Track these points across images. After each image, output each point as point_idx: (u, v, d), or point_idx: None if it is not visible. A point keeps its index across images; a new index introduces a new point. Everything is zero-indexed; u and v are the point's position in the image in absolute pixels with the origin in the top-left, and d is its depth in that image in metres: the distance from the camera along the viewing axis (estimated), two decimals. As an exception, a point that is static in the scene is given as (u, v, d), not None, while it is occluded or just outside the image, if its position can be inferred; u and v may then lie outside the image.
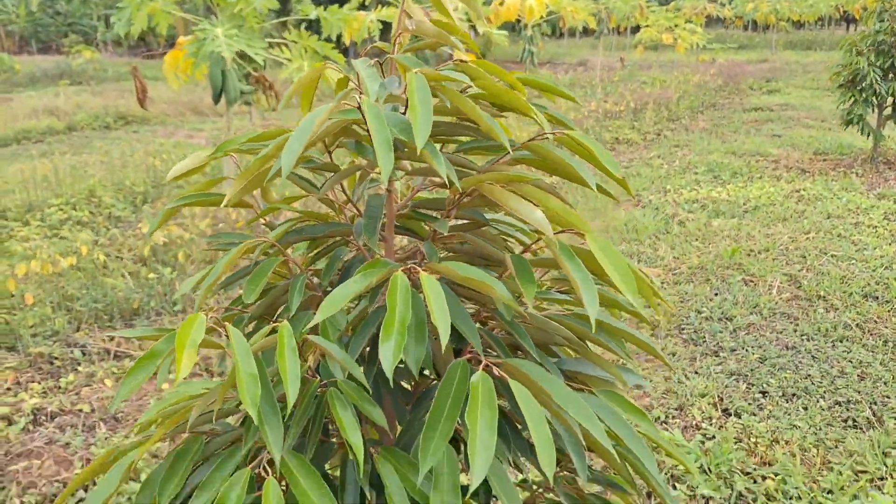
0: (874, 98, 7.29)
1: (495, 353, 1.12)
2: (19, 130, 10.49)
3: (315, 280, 1.27)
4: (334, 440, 1.14)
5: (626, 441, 1.10)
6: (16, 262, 4.63)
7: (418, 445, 1.07)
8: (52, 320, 4.24)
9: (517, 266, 0.99)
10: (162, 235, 4.85)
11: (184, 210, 5.87)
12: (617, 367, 1.20)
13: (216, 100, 5.96)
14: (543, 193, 0.97)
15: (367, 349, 1.20)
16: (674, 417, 3.25)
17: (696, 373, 3.62)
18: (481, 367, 0.98)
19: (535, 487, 1.42)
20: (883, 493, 2.70)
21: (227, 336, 0.95)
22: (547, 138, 1.10)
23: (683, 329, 4.12)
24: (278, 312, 1.27)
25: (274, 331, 1.00)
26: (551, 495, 1.37)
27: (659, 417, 3.25)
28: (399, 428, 1.22)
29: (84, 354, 4.02)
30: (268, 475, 0.93)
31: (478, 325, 1.18)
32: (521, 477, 1.52)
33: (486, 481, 1.18)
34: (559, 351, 1.25)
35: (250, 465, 0.96)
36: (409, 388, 1.32)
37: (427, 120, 0.95)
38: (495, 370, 0.98)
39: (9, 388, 3.67)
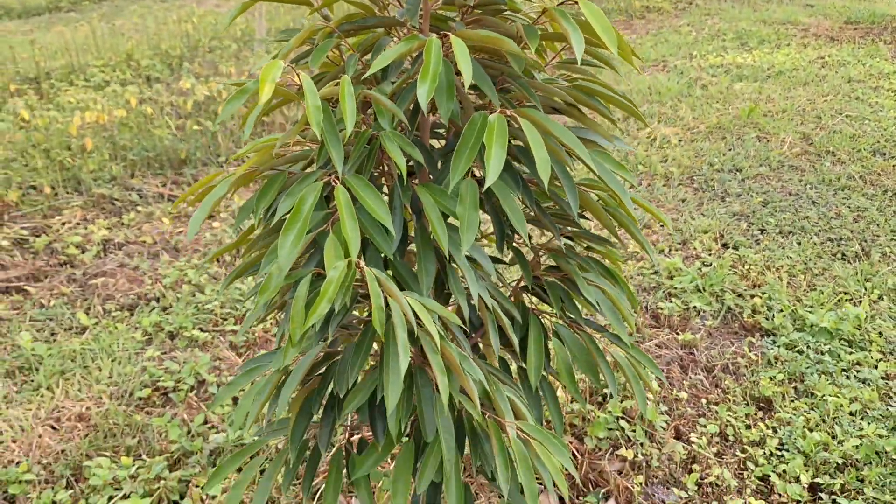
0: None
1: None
2: None
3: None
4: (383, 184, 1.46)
5: (609, 183, 1.40)
6: (70, 115, 4.96)
7: (447, 182, 1.39)
8: (109, 167, 4.61)
9: (526, 29, 1.27)
10: (204, 89, 5.13)
11: (221, 69, 6.11)
12: (610, 135, 1.50)
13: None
14: (548, -30, 1.23)
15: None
16: (677, 249, 3.58)
17: (702, 214, 3.91)
18: (497, 112, 1.29)
19: (538, 248, 1.75)
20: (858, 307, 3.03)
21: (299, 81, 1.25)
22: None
23: (695, 179, 4.39)
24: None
25: (337, 84, 1.30)
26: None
27: (663, 250, 3.57)
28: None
29: (141, 197, 4.41)
30: (336, 185, 1.25)
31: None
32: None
33: (498, 208, 1.51)
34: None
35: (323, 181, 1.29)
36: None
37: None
38: (508, 112, 1.28)
39: (78, 223, 4.09)
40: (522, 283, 1.77)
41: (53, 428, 2.56)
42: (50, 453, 2.41)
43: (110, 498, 2.18)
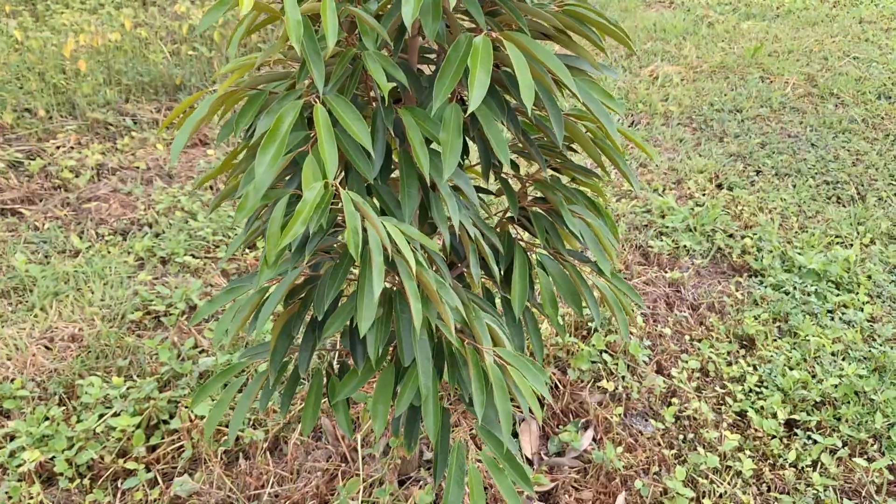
0: None
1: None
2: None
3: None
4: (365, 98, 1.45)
5: (595, 111, 1.39)
6: (65, 37, 4.87)
7: (430, 107, 1.38)
8: (104, 91, 4.55)
9: (513, -51, 1.24)
10: (200, 14, 5.02)
11: (218, -7, 5.97)
12: (599, 64, 1.47)
13: None
14: None
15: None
16: (671, 189, 3.57)
17: (699, 154, 3.88)
18: (483, 34, 1.26)
19: (525, 178, 1.75)
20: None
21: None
22: None
23: (694, 119, 4.34)
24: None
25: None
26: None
27: (657, 189, 3.56)
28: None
29: (135, 122, 4.37)
30: (316, 104, 1.24)
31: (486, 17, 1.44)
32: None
33: (483, 135, 1.50)
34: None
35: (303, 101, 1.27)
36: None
37: None
38: (494, 34, 1.25)
39: (72, 147, 4.06)
40: (508, 214, 1.77)
41: (47, 347, 2.59)
42: (43, 371, 2.45)
43: (101, 415, 2.23)
